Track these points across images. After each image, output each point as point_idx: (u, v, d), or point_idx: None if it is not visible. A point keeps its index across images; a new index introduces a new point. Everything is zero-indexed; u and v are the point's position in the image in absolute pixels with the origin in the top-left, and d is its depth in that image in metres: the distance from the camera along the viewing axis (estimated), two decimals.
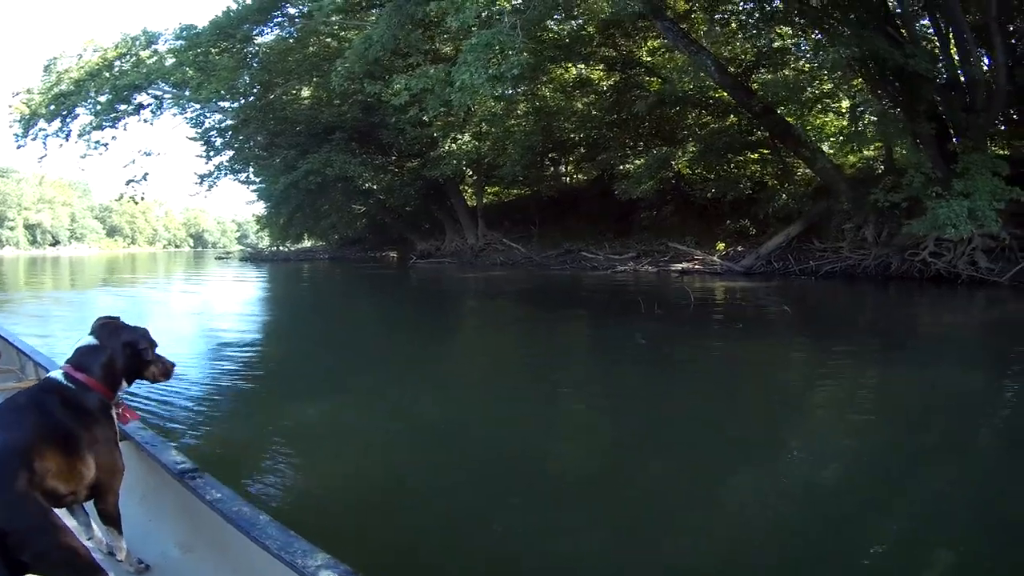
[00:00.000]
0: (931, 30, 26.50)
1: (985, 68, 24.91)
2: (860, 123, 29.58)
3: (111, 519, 3.95)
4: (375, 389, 10.75)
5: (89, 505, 3.99)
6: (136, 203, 55.38)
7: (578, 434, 8.64)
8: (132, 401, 7.67)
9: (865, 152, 33.46)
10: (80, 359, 3.91)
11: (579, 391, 11.01)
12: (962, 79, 24.89)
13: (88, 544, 4.12)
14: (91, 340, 4.02)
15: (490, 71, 22.97)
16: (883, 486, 6.51)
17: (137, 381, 4.32)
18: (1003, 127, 27.73)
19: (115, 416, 4.07)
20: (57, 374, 3.87)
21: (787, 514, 5.90)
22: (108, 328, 4.13)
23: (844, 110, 33.07)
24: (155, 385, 7.10)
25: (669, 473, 6.95)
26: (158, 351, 4.34)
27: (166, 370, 4.36)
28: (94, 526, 4.19)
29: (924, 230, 23.52)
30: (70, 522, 3.86)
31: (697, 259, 35.48)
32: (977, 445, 8.07)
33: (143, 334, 4.17)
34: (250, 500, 3.87)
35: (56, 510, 3.42)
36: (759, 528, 5.60)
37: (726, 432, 8.37)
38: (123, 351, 4.04)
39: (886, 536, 5.51)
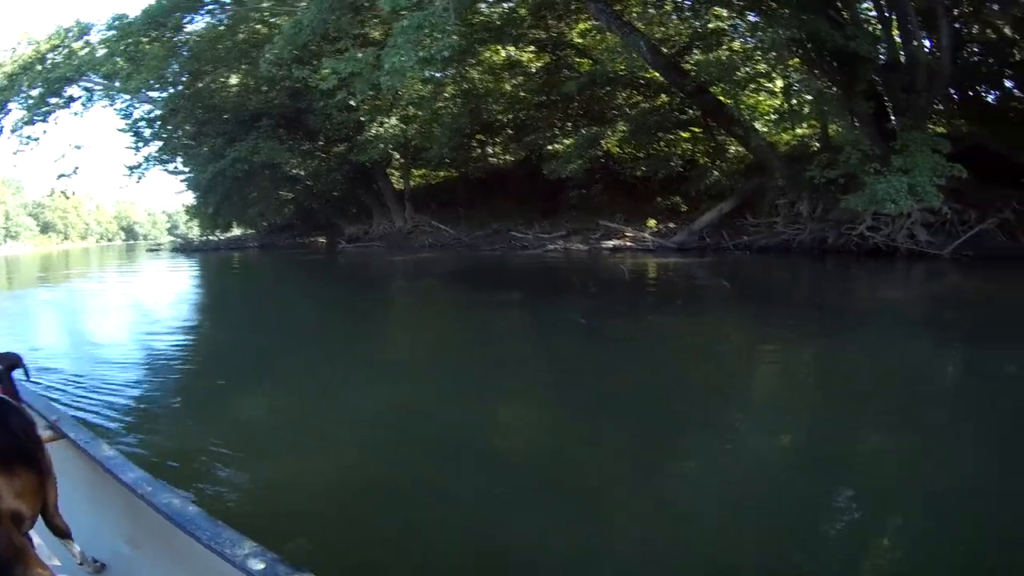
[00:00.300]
0: (873, 12, 26.48)
1: (927, 50, 24.95)
2: (795, 102, 29.64)
3: (64, 531, 3.88)
4: (314, 378, 10.66)
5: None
6: (67, 198, 55.35)
7: (525, 415, 8.60)
8: (73, 396, 8.84)
9: (799, 130, 33.36)
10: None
11: (522, 372, 10.85)
12: (903, 60, 24.86)
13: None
14: None
15: (420, 53, 22.75)
16: (830, 456, 6.67)
17: (81, 377, 6.44)
18: (942, 107, 27.92)
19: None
20: None
21: (737, 486, 5.94)
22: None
23: (777, 90, 32.82)
24: (93, 380, 8.98)
25: (619, 451, 6.99)
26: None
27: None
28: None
29: (863, 205, 23.46)
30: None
31: (628, 236, 35.28)
32: (921, 415, 8.13)
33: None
34: (197, 496, 4.28)
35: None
36: (709, 501, 5.66)
37: (673, 407, 8.50)
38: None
39: (835, 505, 5.64)
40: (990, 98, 28.49)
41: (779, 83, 32.36)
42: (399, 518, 5.46)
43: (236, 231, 72.49)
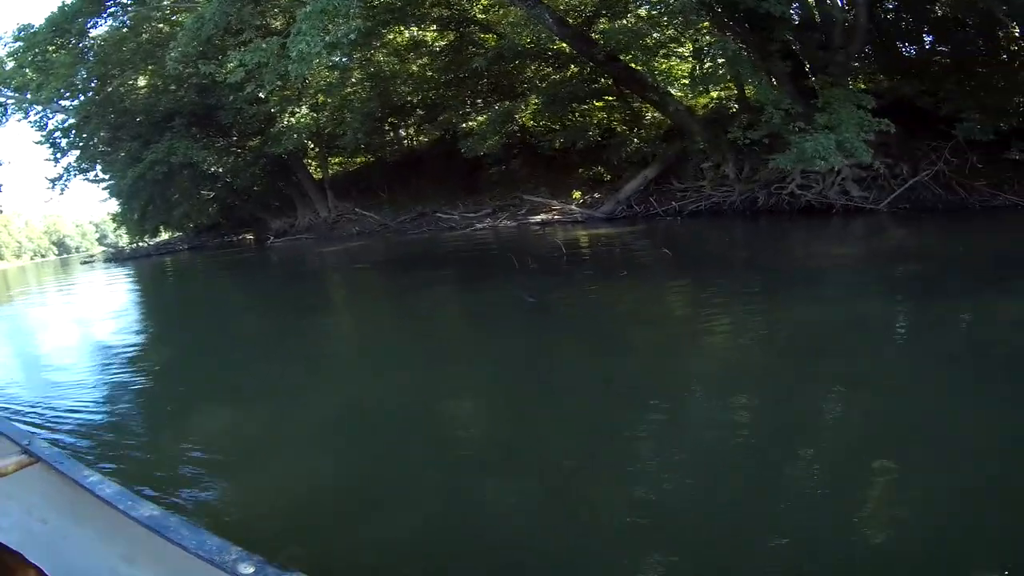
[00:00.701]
0: None
1: (841, 5, 24.86)
2: (708, 65, 28.81)
3: None
4: (268, 379, 10.24)
5: None
6: None
7: (485, 397, 8.40)
8: (38, 418, 8.56)
9: (715, 93, 32.89)
10: None
11: (475, 354, 10.73)
12: (818, 18, 24.78)
13: None
14: None
15: (327, 38, 22.27)
16: (788, 422, 6.45)
17: (41, 398, 7.87)
18: (860, 65, 27.58)
19: None
20: None
21: (699, 459, 5.78)
22: None
23: (686, 54, 32.77)
24: (53, 401, 9.25)
25: (584, 427, 6.85)
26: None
27: None
28: None
29: (790, 164, 22.83)
30: None
31: (555, 209, 34.88)
32: (879, 369, 7.91)
33: None
34: (178, 507, 4.33)
35: None
36: (670, 476, 5.57)
37: (632, 379, 8.27)
38: None
39: (798, 474, 5.48)
40: (910, 54, 28.21)
41: (688, 47, 31.92)
42: (375, 515, 5.33)
43: (164, 235, 71.07)
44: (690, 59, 32.31)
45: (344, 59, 32.27)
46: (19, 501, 4.75)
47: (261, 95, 35.21)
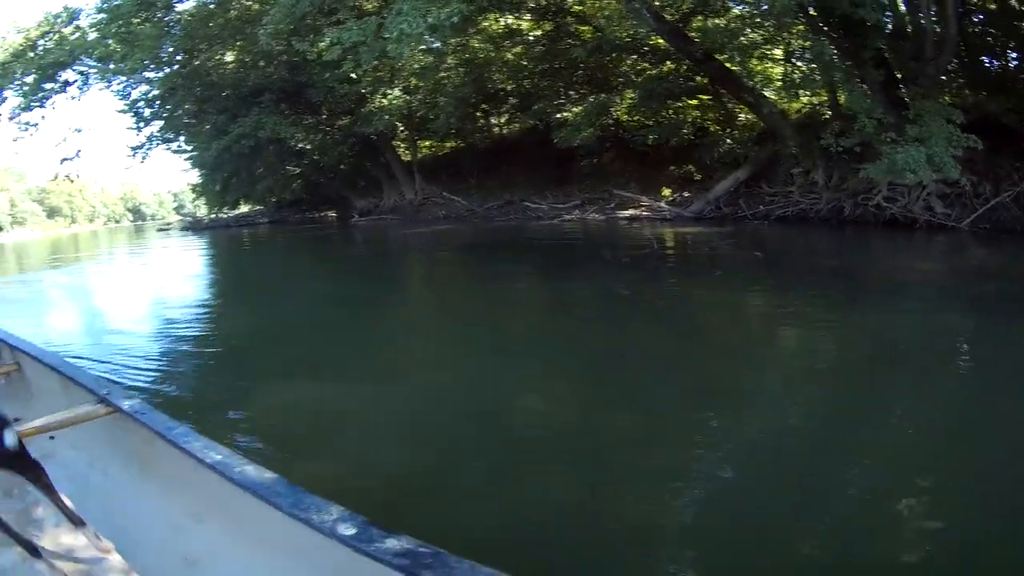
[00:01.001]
0: None
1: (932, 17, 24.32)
2: (804, 69, 28.87)
3: None
4: (355, 358, 10.54)
5: None
6: (72, 181, 55.02)
7: (581, 390, 8.32)
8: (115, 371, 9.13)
9: (807, 98, 32.74)
10: None
11: (571, 346, 10.58)
12: (909, 28, 24.40)
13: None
14: None
15: (428, 20, 22.33)
16: (868, 425, 6.62)
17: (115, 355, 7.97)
18: (945, 78, 26.85)
19: None
20: None
21: (794, 462, 5.89)
22: None
23: (778, 56, 32.50)
24: (128, 359, 9.87)
25: (667, 426, 6.89)
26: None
27: None
28: None
29: (881, 175, 23.08)
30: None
31: (643, 205, 35.15)
32: (952, 387, 8.08)
33: None
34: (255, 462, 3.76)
35: None
36: (744, 477, 5.69)
37: (717, 382, 8.31)
38: None
39: (873, 483, 5.52)
40: (995, 69, 27.72)
41: (779, 51, 31.96)
42: (472, 502, 5.40)
43: (244, 208, 72.50)
44: (783, 62, 32.13)
45: (439, 43, 32.73)
46: (86, 451, 5.14)
47: (353, 75, 36.59)
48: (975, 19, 26.27)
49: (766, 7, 25.92)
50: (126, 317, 15.28)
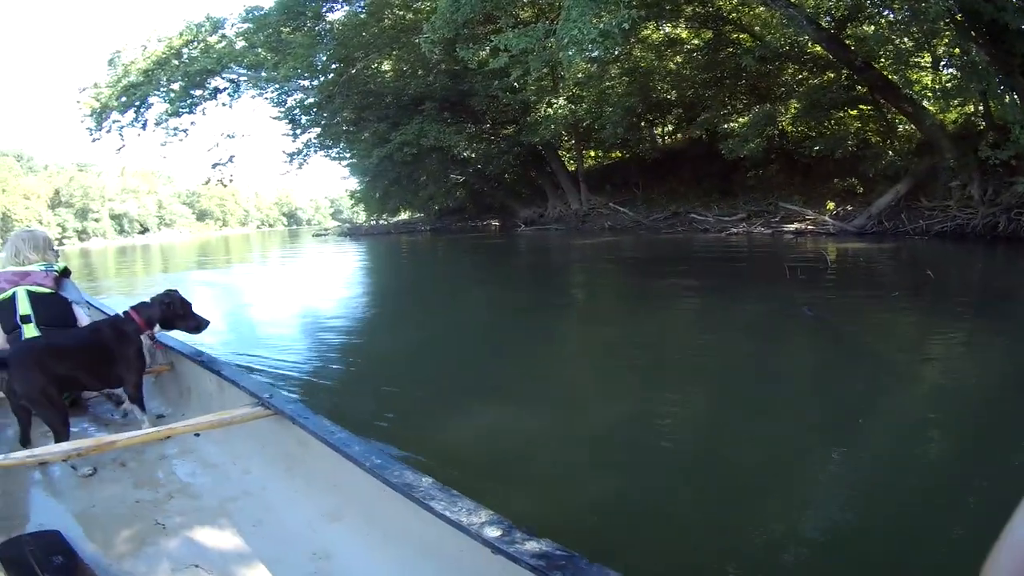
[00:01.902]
0: None
1: None
2: (955, 77, 28.54)
3: (133, 399, 6.02)
4: (520, 379, 10.12)
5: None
6: (224, 186, 56.93)
7: (762, 418, 7.85)
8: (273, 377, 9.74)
9: (959, 109, 33.02)
10: (136, 306, 6.22)
11: (756, 370, 10.06)
12: None
13: (123, 407, 6.66)
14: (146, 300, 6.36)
15: (600, 26, 23.01)
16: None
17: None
18: None
19: (146, 342, 6.12)
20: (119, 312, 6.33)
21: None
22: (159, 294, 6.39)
23: (925, 63, 32.52)
24: (286, 363, 10.67)
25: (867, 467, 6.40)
26: (203, 312, 6.62)
27: (197, 324, 6.44)
28: (125, 401, 6.38)
29: None
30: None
31: (808, 219, 35.55)
32: None
33: (170, 298, 6.36)
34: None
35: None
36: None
37: (910, 416, 7.88)
38: (159, 306, 6.26)
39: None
40: None
41: (928, 58, 32.03)
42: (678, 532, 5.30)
43: (403, 215, 74.35)
44: (933, 70, 32.26)
45: (600, 52, 30.70)
46: (230, 451, 5.63)
47: (516, 84, 38.47)
48: None
49: (914, 14, 26.19)
50: (277, 324, 15.80)
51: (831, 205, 36.67)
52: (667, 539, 5.21)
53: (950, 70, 30.28)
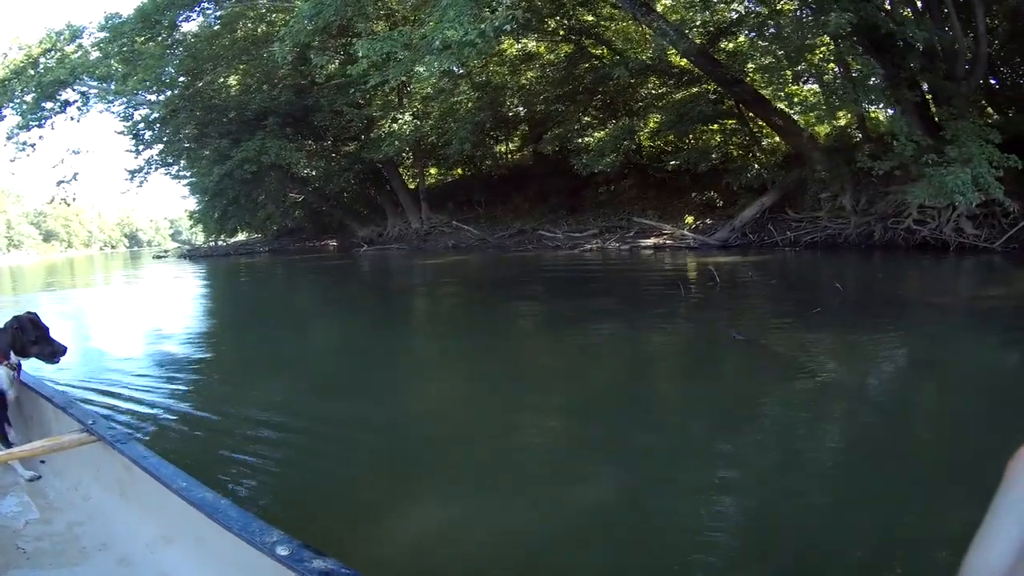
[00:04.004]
0: None
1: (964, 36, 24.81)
2: (841, 91, 28.23)
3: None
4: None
5: None
6: (68, 204, 54.81)
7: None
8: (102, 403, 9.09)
9: (834, 122, 32.69)
10: None
11: (728, 420, 8.03)
12: (939, 48, 24.91)
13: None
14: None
15: (483, 26, 21.63)
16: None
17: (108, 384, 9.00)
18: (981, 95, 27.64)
19: (6, 373, 5.85)
20: None
21: None
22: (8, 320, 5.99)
23: (803, 74, 32.39)
24: (119, 388, 10.10)
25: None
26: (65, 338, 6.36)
27: (54, 351, 6.12)
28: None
29: (927, 197, 23.54)
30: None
31: (666, 234, 35.35)
32: None
33: (19, 322, 5.96)
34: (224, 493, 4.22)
35: None
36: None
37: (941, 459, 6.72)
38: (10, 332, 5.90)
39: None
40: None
41: (789, 74, 31.92)
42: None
43: (241, 236, 73.49)
44: (813, 83, 32.51)
45: (471, 57, 28.42)
46: (69, 477, 5.68)
47: (360, 100, 38.48)
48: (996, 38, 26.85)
49: (816, 27, 25.99)
50: (124, 344, 15.02)
51: (690, 219, 36.76)
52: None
53: (811, 85, 31.90)
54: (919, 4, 25.62)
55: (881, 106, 27.01)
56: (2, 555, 4.52)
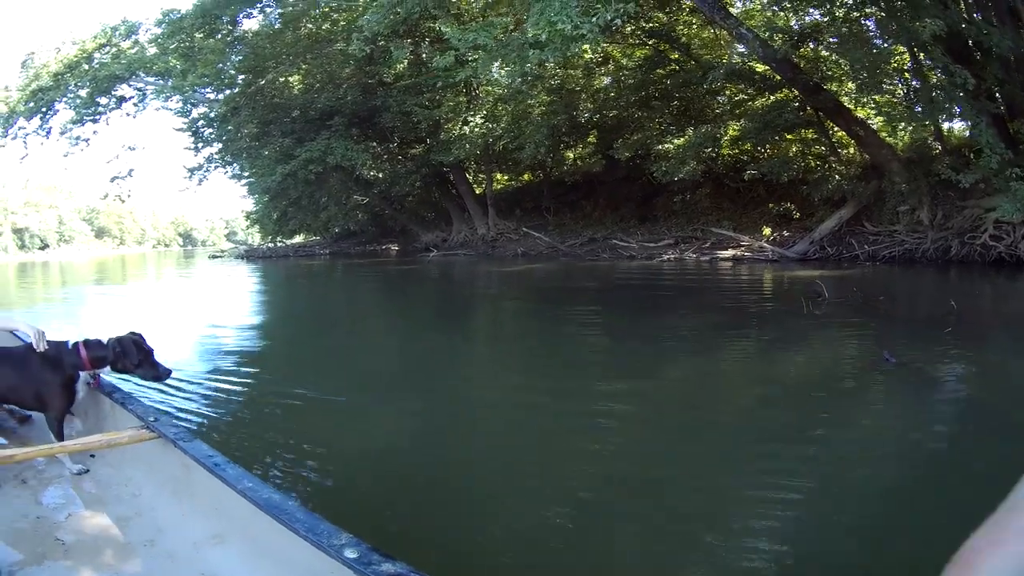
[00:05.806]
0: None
1: None
2: (926, 100, 27.50)
3: (51, 429, 5.87)
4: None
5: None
6: (122, 202, 54.29)
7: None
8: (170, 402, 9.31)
9: (913, 133, 32.97)
10: (89, 342, 6.04)
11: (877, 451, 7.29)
12: (1012, 58, 24.18)
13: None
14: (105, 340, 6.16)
15: (594, 19, 21.03)
16: None
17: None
18: None
19: (86, 379, 6.06)
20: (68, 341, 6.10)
21: None
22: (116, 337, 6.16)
23: (887, 84, 31.34)
24: (185, 387, 10.13)
25: None
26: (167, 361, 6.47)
27: (157, 375, 6.32)
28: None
29: (1014, 212, 23.56)
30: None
31: (743, 245, 35.28)
32: None
33: (122, 345, 6.09)
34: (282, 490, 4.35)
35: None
36: None
37: None
38: (111, 351, 6.06)
39: None
40: None
41: (851, 85, 32.53)
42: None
43: (298, 238, 73.66)
44: (898, 91, 31.93)
45: (581, 48, 28.56)
46: (120, 472, 5.82)
47: (428, 103, 38.85)
48: None
49: (900, 34, 25.96)
50: (183, 349, 14.27)
51: (767, 231, 36.72)
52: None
53: (885, 95, 30.93)
54: (992, 13, 25.36)
55: (960, 118, 27.00)
56: (39, 546, 4.67)
